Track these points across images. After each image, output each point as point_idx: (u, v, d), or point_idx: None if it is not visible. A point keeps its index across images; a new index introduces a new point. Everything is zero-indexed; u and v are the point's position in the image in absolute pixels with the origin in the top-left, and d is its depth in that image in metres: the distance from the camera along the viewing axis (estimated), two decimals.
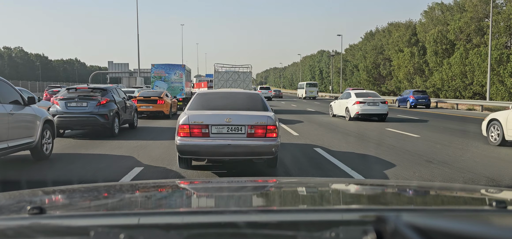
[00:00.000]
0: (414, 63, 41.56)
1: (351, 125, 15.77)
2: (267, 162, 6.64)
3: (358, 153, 8.91)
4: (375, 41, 54.44)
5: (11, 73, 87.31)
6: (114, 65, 65.76)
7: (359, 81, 57.74)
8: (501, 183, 6.24)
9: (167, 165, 7.09)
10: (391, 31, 51.35)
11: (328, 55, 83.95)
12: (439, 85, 35.81)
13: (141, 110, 17.03)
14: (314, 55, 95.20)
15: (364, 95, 17.77)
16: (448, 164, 7.54)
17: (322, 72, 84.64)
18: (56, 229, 1.00)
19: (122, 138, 10.90)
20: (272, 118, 6.21)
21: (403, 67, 43.07)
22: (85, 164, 7.42)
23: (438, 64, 36.71)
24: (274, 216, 1.11)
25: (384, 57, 51.81)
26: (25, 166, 7.20)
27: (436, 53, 36.88)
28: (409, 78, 42.89)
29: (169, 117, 17.56)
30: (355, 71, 60.33)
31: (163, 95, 18.01)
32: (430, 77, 38.56)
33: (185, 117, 6.14)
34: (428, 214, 1.16)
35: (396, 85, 47.20)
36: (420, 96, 29.26)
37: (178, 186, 1.96)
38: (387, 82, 51.92)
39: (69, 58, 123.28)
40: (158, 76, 24.43)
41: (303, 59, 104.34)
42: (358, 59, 59.25)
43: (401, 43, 45.23)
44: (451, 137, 12.02)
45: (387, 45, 50.51)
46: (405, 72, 42.79)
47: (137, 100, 17.20)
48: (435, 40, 36.54)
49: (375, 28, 60.89)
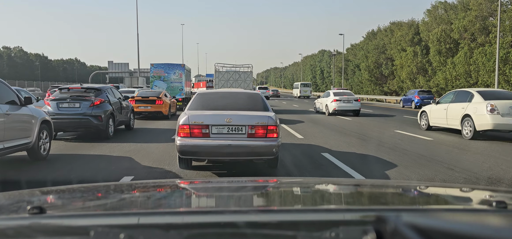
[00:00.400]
0: (417, 63, 40.97)
1: (353, 125, 15.29)
2: (267, 162, 6.56)
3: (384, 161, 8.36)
4: (377, 41, 53.86)
5: (10, 73, 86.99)
6: (114, 65, 65.59)
7: (361, 80, 57.19)
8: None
9: (163, 175, 6.39)
10: (393, 31, 50.79)
11: (329, 55, 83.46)
12: (443, 85, 35.20)
13: (139, 110, 16.62)
14: (315, 55, 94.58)
15: (340, 94, 20.51)
16: (473, 172, 6.99)
17: (323, 72, 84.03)
18: (56, 229, 1.00)
19: (117, 141, 10.35)
20: (272, 119, 6.15)
21: (406, 66, 42.47)
22: (66, 171, 6.78)
23: (442, 63, 36.12)
24: (274, 216, 1.11)
25: (386, 57, 51.24)
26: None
27: (439, 52, 36.30)
28: (412, 78, 42.31)
29: (168, 118, 17.13)
30: (356, 71, 59.75)
31: (162, 95, 17.57)
32: (434, 77, 37.97)
33: (185, 117, 6.06)
34: (428, 214, 1.17)
35: (398, 85, 46.64)
36: (426, 96, 28.68)
37: (178, 186, 1.95)
38: (389, 82, 51.35)
39: (69, 58, 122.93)
40: (157, 76, 24.05)
41: (304, 59, 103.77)
42: (360, 58, 58.67)
43: (403, 43, 44.65)
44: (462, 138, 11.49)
45: (389, 45, 49.94)
46: (408, 71, 42.19)
47: (135, 100, 16.75)
48: (439, 39, 35.95)
49: (377, 27, 60.29)
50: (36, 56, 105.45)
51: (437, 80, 36.69)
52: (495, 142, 10.87)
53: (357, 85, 59.25)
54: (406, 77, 42.85)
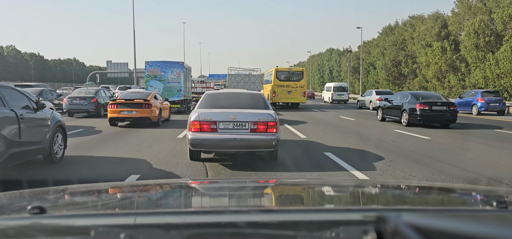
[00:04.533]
0: (447, 59, 36.32)
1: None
2: (268, 154, 7.27)
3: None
4: (395, 36, 49.19)
5: (3, 73, 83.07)
6: (113, 65, 63.02)
7: (377, 80, 52.58)
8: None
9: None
10: (413, 25, 46.16)
11: (338, 53, 78.87)
12: (482, 84, 30.52)
13: (122, 116, 13.97)
14: (322, 53, 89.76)
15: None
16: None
17: (332, 71, 79.29)
18: (57, 229, 1.00)
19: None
20: (272, 116, 6.94)
21: (433, 64, 37.80)
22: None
23: (480, 59, 31.42)
24: (274, 216, 1.12)
25: (406, 54, 46.60)
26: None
27: (477, 46, 31.59)
28: (440, 77, 37.65)
29: (158, 125, 14.23)
30: (371, 70, 55.05)
31: (151, 97, 14.45)
32: (469, 75, 33.27)
33: (196, 114, 6.83)
34: (428, 214, 1.17)
35: (421, 85, 41.91)
36: (492, 98, 21.78)
37: (178, 185, 1.96)
38: (409, 81, 46.70)
39: (67, 58, 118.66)
40: (152, 75, 21.50)
41: (311, 57, 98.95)
42: (375, 56, 54.02)
43: (428, 37, 39.96)
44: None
45: (410, 40, 45.29)
46: (435, 70, 37.52)
47: (117, 104, 13.88)
48: (476, 32, 31.24)
49: (395, 21, 55.58)
50: (31, 55, 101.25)
51: (474, 78, 31.93)
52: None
53: (373, 85, 54.57)
54: (432, 76, 38.19)
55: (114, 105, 13.75)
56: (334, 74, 77.27)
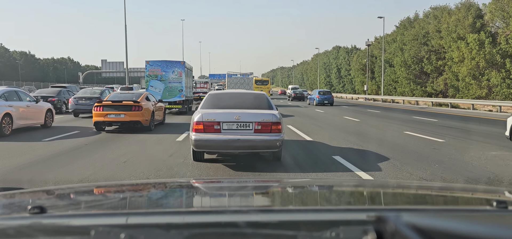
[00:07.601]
0: (485, 54, 31.59)
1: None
2: (272, 155, 7.38)
3: None
4: (415, 30, 44.43)
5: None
6: (108, 64, 60.94)
7: (394, 79, 47.89)
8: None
9: None
10: (437, 16, 41.43)
11: (346, 51, 74.10)
12: None
13: (109, 120, 12.74)
14: (328, 51, 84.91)
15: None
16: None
17: (340, 70, 74.48)
18: (57, 229, 1.00)
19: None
20: (276, 116, 7.00)
21: (468, 60, 33.08)
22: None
23: None
24: (275, 216, 1.12)
25: (429, 49, 41.85)
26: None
27: None
28: (477, 75, 32.91)
29: (150, 129, 13.26)
30: (387, 68, 50.27)
31: (142, 98, 13.19)
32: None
33: (199, 115, 6.91)
34: (428, 214, 1.17)
35: (451, 84, 37.16)
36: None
37: (178, 185, 1.96)
38: (433, 80, 41.94)
39: (61, 57, 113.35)
40: (153, 75, 21.20)
41: (315, 56, 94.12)
42: (392, 52, 49.26)
43: (460, 29, 35.22)
44: None
45: (434, 33, 40.55)
46: (471, 66, 32.80)
47: (102, 106, 12.58)
48: None
49: (414, 13, 50.59)
50: (21, 54, 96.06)
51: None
52: None
53: (389, 85, 49.85)
54: (467, 73, 33.45)
55: (99, 108, 12.42)
56: (343, 73, 72.55)
